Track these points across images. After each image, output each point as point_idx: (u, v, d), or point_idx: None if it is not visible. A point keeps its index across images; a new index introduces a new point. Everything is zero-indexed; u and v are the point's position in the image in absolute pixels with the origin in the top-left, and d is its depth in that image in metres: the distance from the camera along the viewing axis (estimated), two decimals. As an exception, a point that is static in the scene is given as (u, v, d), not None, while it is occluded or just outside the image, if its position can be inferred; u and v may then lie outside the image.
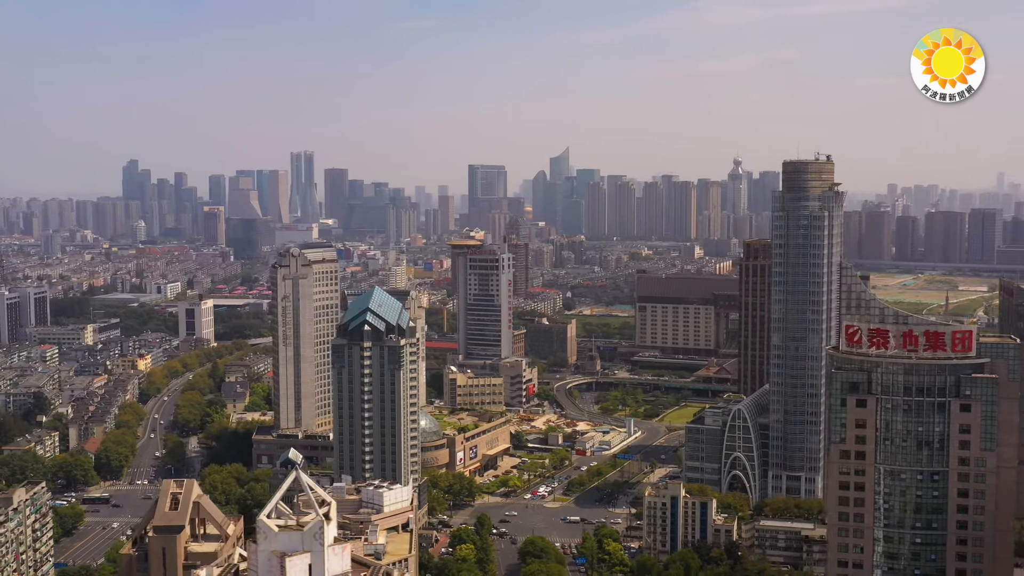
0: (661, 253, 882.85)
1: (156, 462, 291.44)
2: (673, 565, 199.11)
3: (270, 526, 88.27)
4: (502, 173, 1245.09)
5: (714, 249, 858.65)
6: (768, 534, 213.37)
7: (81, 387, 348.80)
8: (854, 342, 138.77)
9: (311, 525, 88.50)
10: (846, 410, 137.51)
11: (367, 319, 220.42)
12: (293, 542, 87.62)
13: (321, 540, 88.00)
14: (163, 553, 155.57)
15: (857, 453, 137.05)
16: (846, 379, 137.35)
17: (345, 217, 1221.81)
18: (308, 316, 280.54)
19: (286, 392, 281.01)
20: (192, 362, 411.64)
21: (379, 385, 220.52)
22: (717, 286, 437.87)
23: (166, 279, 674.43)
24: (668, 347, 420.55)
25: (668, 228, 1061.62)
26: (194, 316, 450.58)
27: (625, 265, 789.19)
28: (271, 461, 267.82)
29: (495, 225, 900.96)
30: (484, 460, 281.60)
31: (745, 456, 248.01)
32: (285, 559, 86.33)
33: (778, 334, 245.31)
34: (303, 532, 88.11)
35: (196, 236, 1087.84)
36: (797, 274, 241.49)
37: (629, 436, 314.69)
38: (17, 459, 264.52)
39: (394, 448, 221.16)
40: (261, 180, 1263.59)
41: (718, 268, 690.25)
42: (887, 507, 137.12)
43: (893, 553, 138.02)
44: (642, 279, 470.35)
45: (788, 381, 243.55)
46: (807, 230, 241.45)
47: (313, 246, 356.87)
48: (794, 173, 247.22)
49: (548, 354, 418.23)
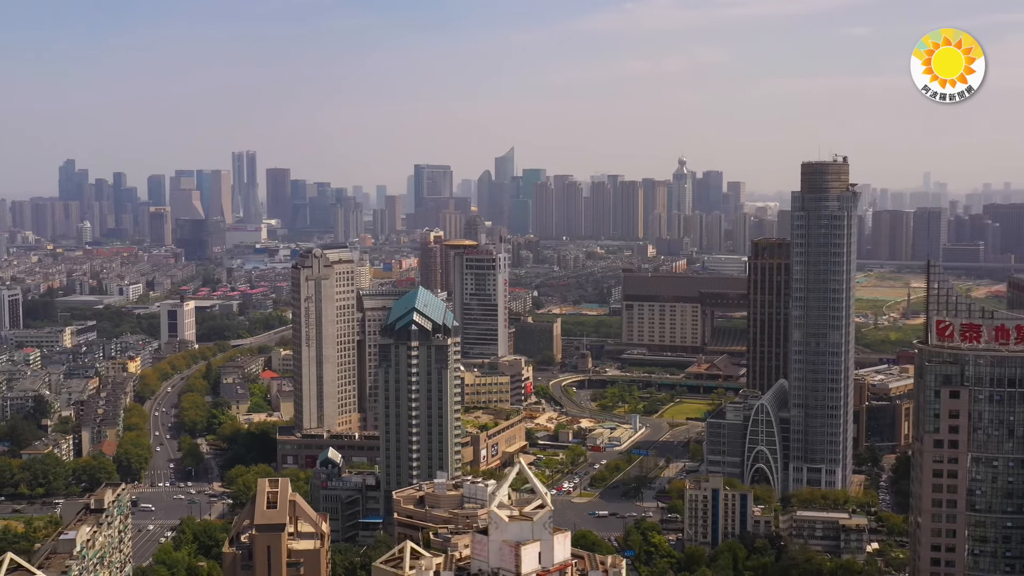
0: (614, 252, 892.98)
1: (172, 464, 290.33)
2: (722, 555, 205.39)
3: (501, 516, 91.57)
4: (448, 173, 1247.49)
5: (667, 248, 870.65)
6: (806, 524, 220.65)
7: (77, 390, 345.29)
8: (945, 336, 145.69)
9: (541, 515, 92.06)
10: (939, 401, 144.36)
11: (413, 319, 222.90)
12: (524, 532, 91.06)
13: (550, 529, 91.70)
14: (268, 551, 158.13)
15: (950, 442, 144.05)
16: (940, 372, 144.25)
17: (290, 217, 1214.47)
18: (330, 316, 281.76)
19: (309, 392, 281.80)
20: (180, 364, 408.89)
21: (426, 384, 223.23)
22: (703, 284, 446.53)
23: (123, 280, 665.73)
24: (655, 345, 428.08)
25: (616, 227, 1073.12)
26: (176, 318, 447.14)
27: (583, 264, 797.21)
28: (296, 461, 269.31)
29: (449, 225, 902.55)
30: (504, 458, 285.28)
31: (768, 449, 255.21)
32: (520, 548, 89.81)
33: (799, 330, 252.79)
34: (533, 522, 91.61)
35: (140, 237, 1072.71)
36: (818, 272, 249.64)
37: (636, 432, 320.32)
38: (38, 463, 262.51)
39: (441, 446, 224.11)
40: (203, 180, 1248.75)
41: (675, 267, 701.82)
42: (979, 493, 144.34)
43: (983, 537, 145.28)
44: (628, 278, 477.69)
45: (809, 376, 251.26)
46: (828, 229, 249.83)
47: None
48: (813, 174, 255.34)
49: (535, 352, 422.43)
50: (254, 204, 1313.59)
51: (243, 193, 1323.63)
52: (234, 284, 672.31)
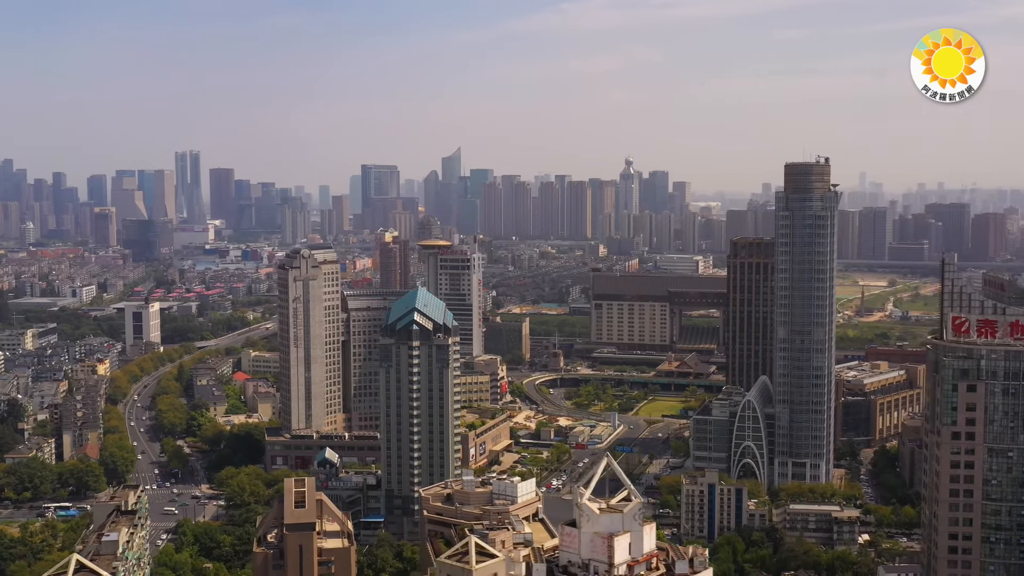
0: (565, 252, 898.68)
1: (156, 466, 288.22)
2: (721, 549, 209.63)
3: (593, 509, 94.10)
4: (395, 173, 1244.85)
5: (617, 248, 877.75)
6: (800, 517, 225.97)
7: (50, 393, 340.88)
8: (961, 332, 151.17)
9: (631, 507, 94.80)
10: (957, 394, 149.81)
11: (415, 319, 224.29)
12: (615, 523, 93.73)
13: (640, 520, 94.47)
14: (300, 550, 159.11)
15: (967, 434, 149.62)
16: (957, 366, 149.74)
17: (235, 218, 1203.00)
18: (318, 317, 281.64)
19: (297, 393, 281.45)
20: (148, 366, 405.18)
21: (427, 383, 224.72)
22: (672, 284, 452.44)
23: (75, 282, 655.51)
24: (623, 343, 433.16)
25: (564, 227, 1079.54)
26: (141, 320, 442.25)
27: (537, 264, 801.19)
28: (286, 462, 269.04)
29: (401, 225, 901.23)
30: (491, 456, 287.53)
31: (755, 445, 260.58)
32: (613, 539, 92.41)
33: (784, 328, 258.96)
34: (623, 514, 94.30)
35: (83, 238, 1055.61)
36: (803, 270, 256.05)
37: (615, 430, 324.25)
38: (23, 467, 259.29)
39: (442, 445, 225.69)
40: (145, 180, 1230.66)
41: (627, 267, 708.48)
42: (994, 483, 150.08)
43: (998, 525, 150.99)
44: (597, 277, 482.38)
45: (794, 372, 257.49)
46: (812, 228, 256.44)
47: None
48: (797, 174, 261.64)
49: (504, 352, 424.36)
50: (198, 204, 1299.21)
51: (186, 193, 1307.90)
52: (189, 285, 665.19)
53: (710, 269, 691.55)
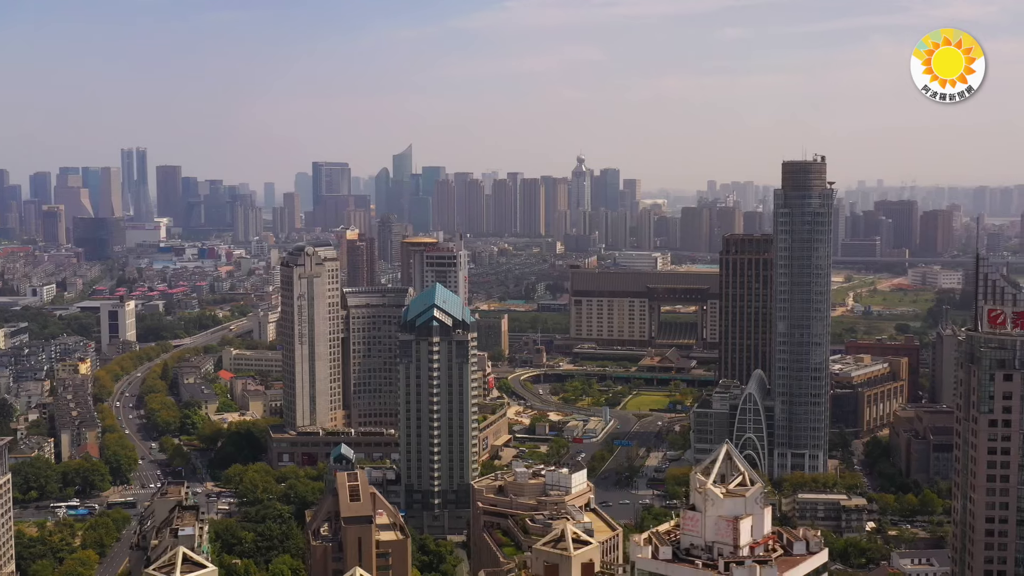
0: (522, 249, 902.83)
1: (157, 465, 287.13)
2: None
3: (717, 493, 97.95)
4: (346, 171, 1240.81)
5: (575, 244, 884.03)
6: (808, 505, 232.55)
7: (36, 393, 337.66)
8: (997, 324, 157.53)
9: (753, 491, 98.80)
10: (993, 384, 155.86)
11: (434, 315, 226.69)
12: (738, 507, 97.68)
13: (760, 504, 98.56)
14: (359, 543, 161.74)
15: (1004, 422, 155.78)
16: (994, 356, 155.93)
17: (183, 216, 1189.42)
18: (322, 314, 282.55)
19: (301, 390, 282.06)
20: (128, 365, 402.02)
21: (447, 378, 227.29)
22: (650, 280, 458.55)
23: (31, 281, 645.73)
24: (603, 339, 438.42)
25: (518, 224, 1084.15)
26: (117, 318, 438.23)
27: (498, 261, 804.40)
28: (292, 459, 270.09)
29: (358, 223, 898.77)
30: (492, 451, 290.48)
31: (756, 436, 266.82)
32: (738, 522, 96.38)
33: (783, 322, 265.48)
34: (745, 498, 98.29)
35: (28, 236, 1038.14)
36: (802, 266, 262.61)
37: (607, 424, 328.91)
38: (28, 467, 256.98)
39: (462, 440, 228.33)
40: (90, 177, 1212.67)
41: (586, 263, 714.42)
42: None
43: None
44: (576, 274, 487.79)
45: (793, 366, 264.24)
46: (811, 225, 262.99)
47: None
48: (795, 173, 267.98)
49: (484, 348, 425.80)
50: (145, 202, 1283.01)
51: (133, 191, 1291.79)
52: (151, 284, 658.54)
53: (668, 265, 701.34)
